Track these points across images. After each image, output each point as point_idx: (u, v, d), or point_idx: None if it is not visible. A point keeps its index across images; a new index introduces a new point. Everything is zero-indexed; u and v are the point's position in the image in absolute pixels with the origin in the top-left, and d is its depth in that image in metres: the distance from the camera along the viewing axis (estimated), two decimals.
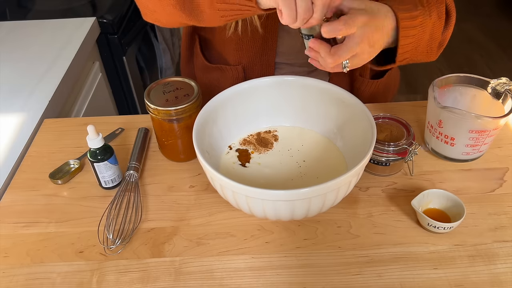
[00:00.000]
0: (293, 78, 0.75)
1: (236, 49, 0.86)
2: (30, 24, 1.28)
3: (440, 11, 0.70)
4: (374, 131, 0.64)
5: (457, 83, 0.77)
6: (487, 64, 2.53)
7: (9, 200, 0.75)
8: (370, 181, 0.75)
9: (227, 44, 0.87)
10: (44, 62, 1.10)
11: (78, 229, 0.69)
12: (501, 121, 0.70)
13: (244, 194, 0.58)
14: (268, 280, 0.62)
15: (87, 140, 0.69)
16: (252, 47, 0.84)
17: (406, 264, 0.63)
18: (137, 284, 0.62)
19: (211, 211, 0.71)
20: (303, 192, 0.56)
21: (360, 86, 0.90)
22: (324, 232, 0.67)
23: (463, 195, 0.70)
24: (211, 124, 0.71)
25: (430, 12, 0.68)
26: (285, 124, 0.80)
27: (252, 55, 0.86)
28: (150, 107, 0.72)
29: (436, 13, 0.69)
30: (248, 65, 0.87)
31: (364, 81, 0.89)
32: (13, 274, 0.64)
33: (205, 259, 0.64)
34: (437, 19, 0.69)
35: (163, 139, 0.78)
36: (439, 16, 0.70)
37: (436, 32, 0.71)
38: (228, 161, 0.74)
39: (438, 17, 0.70)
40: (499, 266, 0.62)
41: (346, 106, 0.72)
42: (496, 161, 0.77)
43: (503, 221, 0.68)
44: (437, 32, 0.71)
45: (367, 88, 0.90)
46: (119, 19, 1.36)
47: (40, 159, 0.82)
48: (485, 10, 3.04)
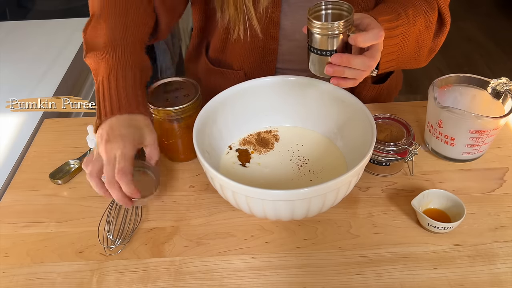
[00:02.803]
0: (293, 78, 0.75)
1: (239, 54, 0.86)
2: (30, 24, 1.28)
3: (430, 20, 0.72)
4: (374, 131, 0.64)
5: (457, 83, 0.77)
6: (487, 64, 2.53)
7: (9, 200, 0.75)
8: (370, 181, 0.75)
9: (231, 48, 0.87)
10: (44, 62, 1.10)
11: (78, 229, 0.69)
12: (501, 121, 0.70)
13: (244, 194, 0.58)
14: (268, 280, 0.62)
15: (87, 140, 0.69)
16: (253, 52, 0.85)
17: (406, 264, 0.63)
18: (137, 284, 0.62)
19: (211, 211, 0.71)
20: (303, 192, 0.56)
21: (361, 90, 0.90)
22: (324, 232, 0.67)
23: (463, 195, 0.70)
24: (211, 124, 0.71)
25: (415, 22, 0.69)
26: (285, 124, 0.80)
27: (253, 60, 0.86)
28: (150, 107, 0.72)
29: (424, 22, 0.71)
30: (250, 70, 0.87)
31: (366, 85, 0.90)
32: (13, 274, 0.64)
33: (205, 259, 0.64)
34: (424, 28, 0.71)
35: (163, 139, 0.78)
36: (427, 25, 0.71)
37: (424, 40, 0.73)
38: (228, 161, 0.74)
39: (426, 26, 0.71)
40: (499, 266, 0.62)
41: (346, 106, 0.72)
42: (496, 161, 0.77)
43: (503, 221, 0.68)
44: (425, 40, 0.73)
45: (368, 92, 0.91)
46: None
47: (40, 159, 0.82)
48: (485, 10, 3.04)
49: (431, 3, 0.72)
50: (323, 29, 0.57)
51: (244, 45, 0.84)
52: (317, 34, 0.58)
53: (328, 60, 0.60)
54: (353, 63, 0.59)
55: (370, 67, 0.60)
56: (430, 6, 0.72)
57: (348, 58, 0.59)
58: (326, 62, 0.60)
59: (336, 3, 0.60)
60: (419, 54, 0.74)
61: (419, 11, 0.70)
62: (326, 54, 0.59)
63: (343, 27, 0.57)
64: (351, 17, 0.57)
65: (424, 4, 0.71)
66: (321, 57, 0.60)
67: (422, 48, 0.73)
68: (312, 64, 0.62)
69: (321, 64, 0.61)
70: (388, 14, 0.66)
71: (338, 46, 0.59)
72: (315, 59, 0.61)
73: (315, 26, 0.58)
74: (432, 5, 0.72)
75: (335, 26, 0.56)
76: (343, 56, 0.59)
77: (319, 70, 0.62)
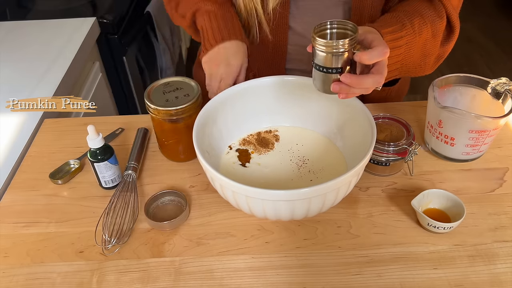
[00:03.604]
0: (293, 78, 0.75)
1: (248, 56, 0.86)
2: (30, 24, 1.27)
3: (437, 29, 0.72)
4: (374, 131, 0.64)
5: (457, 83, 0.77)
6: (487, 64, 2.53)
7: (9, 200, 0.75)
8: (370, 181, 0.75)
9: None
10: (44, 62, 1.10)
11: (78, 229, 0.69)
12: (501, 121, 0.70)
13: (244, 194, 0.58)
14: (268, 280, 0.62)
15: (87, 140, 0.69)
16: (263, 53, 0.85)
17: (406, 264, 0.63)
18: (137, 284, 0.62)
19: (211, 211, 0.71)
20: (303, 192, 0.56)
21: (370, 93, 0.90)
22: (324, 232, 0.67)
23: (463, 195, 0.70)
24: (211, 124, 0.71)
25: (421, 31, 0.70)
26: (285, 124, 0.80)
27: (262, 61, 0.86)
28: (150, 107, 0.72)
29: (431, 31, 0.71)
30: (259, 71, 0.87)
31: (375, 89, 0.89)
32: (13, 274, 0.64)
33: (205, 259, 0.64)
34: (430, 37, 0.72)
35: (163, 139, 0.78)
36: (434, 34, 0.72)
37: (430, 48, 0.73)
38: (228, 161, 0.74)
39: (433, 35, 0.72)
40: (499, 266, 0.62)
41: (346, 106, 0.72)
42: (496, 161, 0.77)
43: (503, 221, 0.68)
44: (431, 48, 0.73)
45: (377, 95, 0.90)
46: (119, 19, 1.36)
47: (40, 159, 0.82)
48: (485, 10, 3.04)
49: (439, 11, 0.72)
50: (328, 47, 0.58)
51: (253, 47, 0.84)
52: (322, 52, 0.59)
53: (333, 78, 0.60)
54: (364, 84, 0.59)
55: (380, 84, 0.61)
56: (438, 14, 0.71)
57: (358, 80, 0.59)
58: (332, 79, 0.61)
59: (341, 22, 0.60)
60: (425, 62, 0.74)
61: (426, 20, 0.70)
62: (331, 71, 0.60)
63: (348, 45, 0.57)
64: (356, 36, 0.58)
65: (432, 13, 0.71)
66: (326, 75, 0.61)
67: (428, 56, 0.73)
68: (317, 81, 0.63)
69: (326, 82, 0.61)
70: (391, 25, 0.67)
71: (343, 64, 0.59)
72: (320, 76, 0.62)
73: (319, 44, 0.58)
74: (440, 13, 0.72)
75: (340, 44, 0.57)
76: (352, 77, 0.59)
77: (323, 88, 0.62)
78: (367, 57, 0.58)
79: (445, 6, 0.72)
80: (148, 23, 1.61)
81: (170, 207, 0.72)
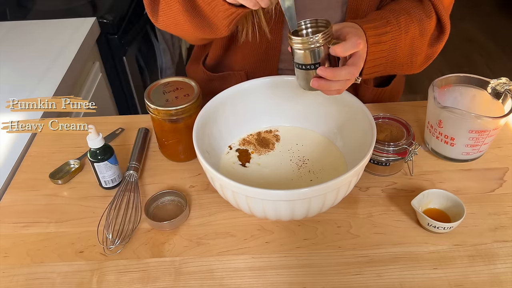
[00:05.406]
0: (293, 78, 0.75)
1: (241, 55, 0.86)
2: (30, 24, 1.27)
3: (425, 28, 0.72)
4: (374, 131, 0.64)
5: (457, 83, 0.77)
6: (487, 64, 2.53)
7: (9, 200, 0.75)
8: (370, 181, 0.75)
9: (232, 51, 0.87)
10: (44, 62, 1.10)
11: (78, 229, 0.69)
12: (501, 121, 0.70)
13: (244, 194, 0.58)
14: (268, 280, 0.62)
15: (87, 140, 0.69)
16: (256, 52, 0.85)
17: (406, 264, 0.63)
18: (137, 284, 0.62)
19: (211, 211, 0.71)
20: (303, 192, 0.56)
21: (364, 93, 0.90)
22: (324, 232, 0.67)
23: (463, 195, 0.70)
24: (211, 124, 0.72)
25: (407, 29, 0.70)
26: (285, 124, 0.80)
27: (255, 60, 0.86)
28: (150, 107, 0.72)
29: (418, 29, 0.71)
30: (252, 70, 0.87)
31: (368, 88, 0.90)
32: (13, 274, 0.64)
33: (205, 259, 0.64)
34: (418, 35, 0.71)
35: (163, 139, 0.78)
36: (421, 32, 0.72)
37: (419, 47, 0.73)
38: (228, 161, 0.74)
39: (421, 34, 0.72)
40: (499, 266, 0.62)
41: (346, 106, 0.72)
42: (496, 161, 0.77)
43: (503, 221, 0.68)
44: (420, 47, 0.73)
45: (371, 95, 0.91)
46: (119, 19, 1.36)
47: (40, 159, 0.82)
48: (485, 9, 3.04)
49: (427, 11, 0.72)
50: (303, 44, 0.59)
51: (247, 46, 0.83)
52: (299, 50, 0.60)
53: (313, 74, 0.62)
54: (338, 76, 0.60)
55: (354, 75, 0.62)
56: (426, 13, 0.72)
57: (333, 72, 0.60)
58: (312, 75, 0.62)
59: (313, 20, 0.62)
60: (412, 60, 0.74)
61: (413, 19, 0.70)
62: (310, 68, 0.61)
63: (322, 40, 0.58)
64: (329, 30, 0.59)
65: (419, 12, 0.71)
66: (306, 72, 0.62)
67: (416, 55, 0.73)
68: (300, 80, 0.64)
69: (307, 79, 0.63)
70: (375, 21, 0.68)
71: (321, 59, 0.60)
72: (301, 74, 0.63)
73: (295, 42, 0.59)
74: (428, 13, 0.72)
75: (315, 39, 0.58)
76: (327, 69, 0.60)
77: (305, 85, 0.64)
78: (340, 49, 0.59)
79: (435, 6, 0.72)
80: (148, 23, 1.61)
81: (170, 207, 0.72)
